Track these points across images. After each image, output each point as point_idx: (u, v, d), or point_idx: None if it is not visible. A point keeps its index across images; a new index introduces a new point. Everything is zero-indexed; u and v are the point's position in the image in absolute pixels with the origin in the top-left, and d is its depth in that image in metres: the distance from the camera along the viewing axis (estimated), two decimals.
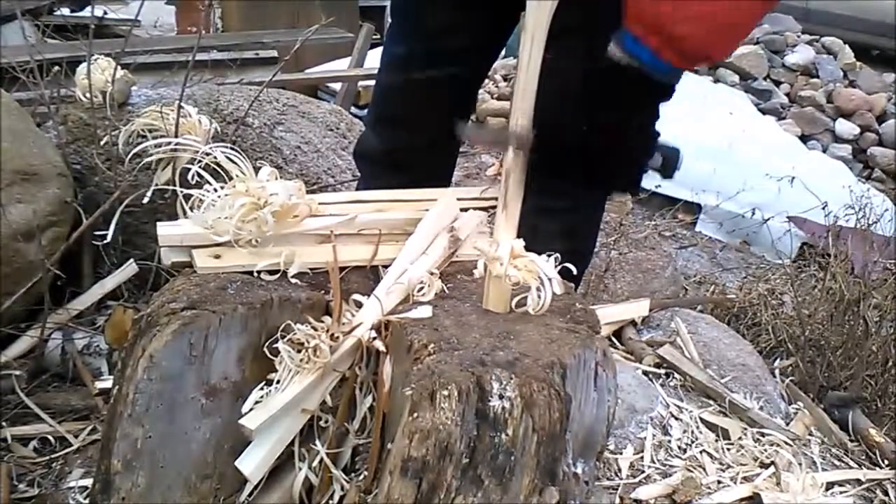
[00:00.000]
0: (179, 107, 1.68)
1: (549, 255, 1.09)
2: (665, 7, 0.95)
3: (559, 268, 1.10)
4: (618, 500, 1.44)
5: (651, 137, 1.06)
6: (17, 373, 1.56)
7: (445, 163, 1.78)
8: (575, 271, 1.15)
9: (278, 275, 1.15)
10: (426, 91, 1.60)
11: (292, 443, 1.08)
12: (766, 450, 1.62)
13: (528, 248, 1.11)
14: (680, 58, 0.98)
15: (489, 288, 1.12)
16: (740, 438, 1.66)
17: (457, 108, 1.74)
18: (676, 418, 1.68)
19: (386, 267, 1.19)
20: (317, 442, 1.08)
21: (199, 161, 1.22)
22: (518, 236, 1.10)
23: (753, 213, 3.72)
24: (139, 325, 1.04)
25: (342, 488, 1.07)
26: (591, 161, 1.06)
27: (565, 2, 1.01)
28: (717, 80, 4.90)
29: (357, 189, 1.83)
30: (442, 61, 1.56)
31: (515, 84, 1.06)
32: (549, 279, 1.06)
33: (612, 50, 1.00)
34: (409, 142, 1.65)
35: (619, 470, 1.51)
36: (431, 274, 1.17)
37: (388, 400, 1.04)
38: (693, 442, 1.63)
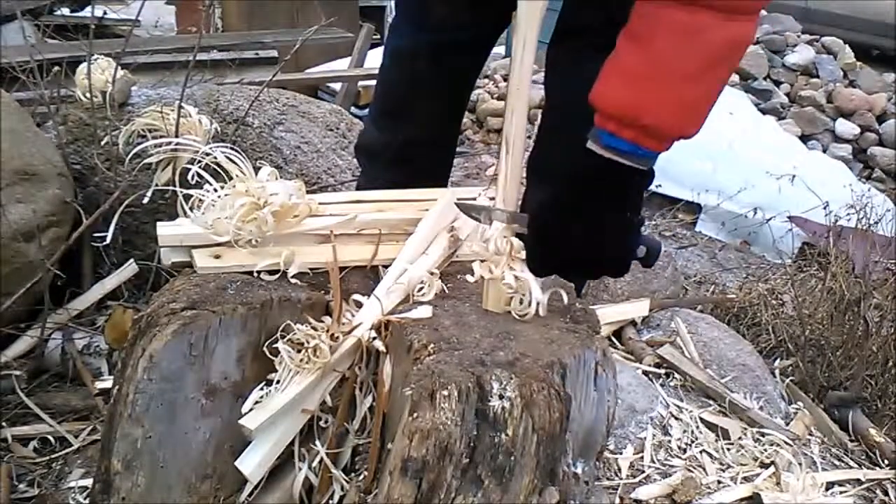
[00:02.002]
0: (179, 107, 1.68)
1: None
2: (629, 101, 0.96)
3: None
4: (618, 500, 1.44)
5: (637, 227, 1.08)
6: (17, 373, 1.56)
7: (445, 156, 1.79)
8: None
9: (278, 275, 1.15)
10: (428, 85, 1.61)
11: (292, 443, 1.08)
12: (766, 450, 1.62)
13: None
14: (658, 142, 1.00)
15: (488, 289, 1.12)
16: (740, 438, 1.66)
17: (457, 100, 1.75)
18: (676, 418, 1.68)
19: (386, 267, 1.19)
20: (317, 442, 1.08)
21: (199, 161, 1.22)
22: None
23: (754, 213, 3.71)
24: (139, 325, 1.04)
25: (342, 488, 1.07)
26: (577, 258, 1.08)
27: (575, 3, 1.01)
28: None
29: (358, 182, 1.84)
30: (444, 55, 1.57)
31: (507, 94, 1.06)
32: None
33: (592, 146, 1.01)
34: (410, 135, 1.66)
35: (619, 470, 1.51)
36: (431, 274, 1.17)
37: (388, 400, 1.04)
38: (693, 442, 1.63)
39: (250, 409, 1.03)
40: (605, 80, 0.99)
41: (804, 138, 4.67)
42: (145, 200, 1.51)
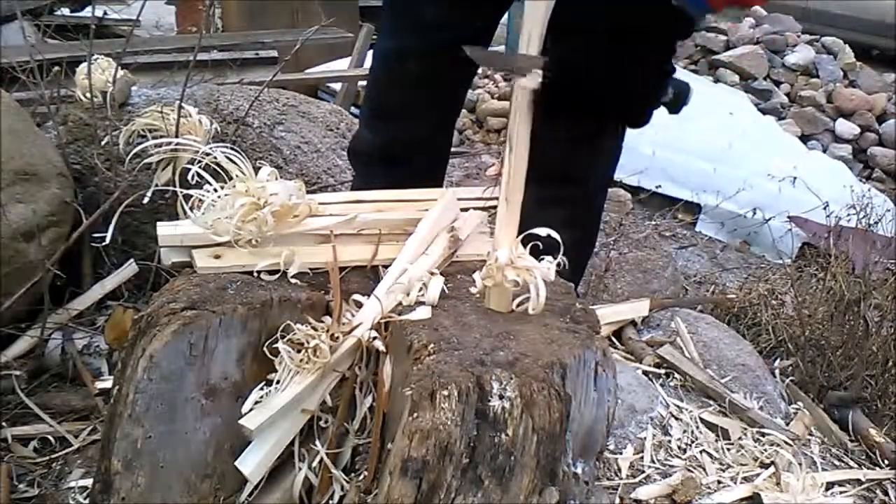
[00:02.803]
0: (180, 107, 1.68)
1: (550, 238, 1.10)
2: None
3: (560, 261, 1.11)
4: (618, 500, 1.44)
5: (668, 73, 1.05)
6: (17, 373, 1.56)
7: (438, 158, 1.78)
8: (575, 263, 1.15)
9: (278, 275, 1.15)
10: (419, 86, 1.60)
11: (292, 443, 1.08)
12: (766, 450, 1.62)
13: (530, 237, 1.11)
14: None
15: (490, 288, 1.12)
16: (740, 438, 1.66)
17: (450, 101, 1.74)
18: (676, 418, 1.68)
19: (386, 267, 1.19)
20: (317, 442, 1.08)
21: (199, 161, 1.22)
22: (521, 228, 1.10)
23: (754, 214, 3.71)
24: (139, 325, 1.04)
25: (342, 488, 1.07)
26: (609, 92, 1.05)
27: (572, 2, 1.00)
28: (717, 80, 4.90)
29: (351, 187, 1.84)
30: (434, 56, 1.56)
31: (512, 95, 1.05)
32: (544, 282, 1.07)
33: None
34: (403, 137, 1.65)
35: (619, 470, 1.51)
36: (432, 274, 1.17)
37: (388, 400, 1.04)
38: (693, 442, 1.63)
39: (250, 409, 1.03)
40: None
41: (804, 138, 4.67)
42: (145, 200, 1.51)
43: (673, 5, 0.98)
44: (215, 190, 1.17)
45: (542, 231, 1.11)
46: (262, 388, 1.05)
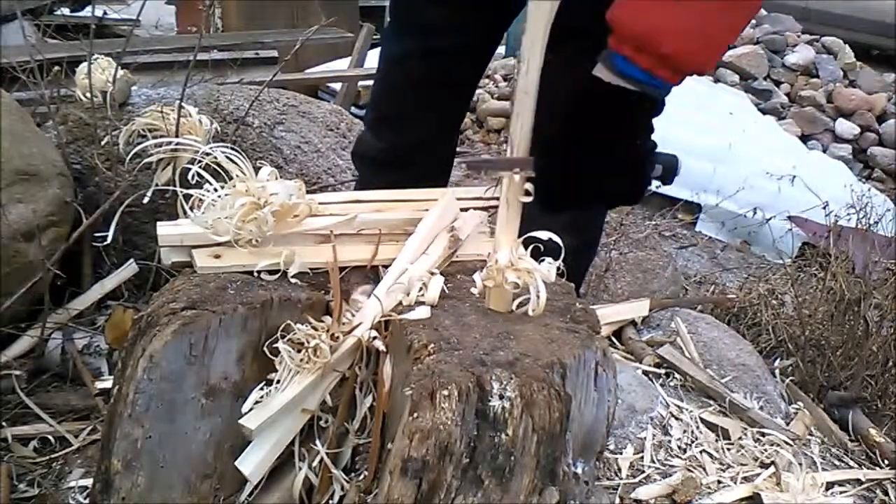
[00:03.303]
0: (180, 107, 1.68)
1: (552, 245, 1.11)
2: (651, 25, 0.94)
3: (560, 264, 1.11)
4: (618, 500, 1.44)
5: (649, 151, 1.06)
6: (17, 373, 1.56)
7: (444, 161, 1.78)
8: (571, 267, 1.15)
9: (278, 275, 1.15)
10: (424, 90, 1.60)
11: (292, 443, 1.08)
12: (766, 450, 1.62)
13: (531, 240, 1.11)
14: (673, 73, 0.97)
15: (490, 288, 1.12)
16: (740, 438, 1.65)
17: (454, 106, 1.74)
18: (676, 418, 1.68)
19: (386, 267, 1.19)
20: (317, 442, 1.08)
21: (199, 161, 1.22)
22: (522, 232, 1.10)
23: (754, 213, 3.71)
24: (139, 325, 1.04)
25: (342, 488, 1.07)
26: (593, 183, 1.06)
27: (573, 3, 1.00)
28: (717, 80, 4.90)
29: (355, 189, 1.83)
30: (440, 60, 1.56)
31: (513, 97, 1.06)
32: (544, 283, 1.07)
33: (601, 72, 0.99)
34: (408, 140, 1.65)
35: (619, 470, 1.51)
36: (432, 274, 1.17)
37: (388, 400, 1.04)
38: (693, 442, 1.63)
39: (250, 409, 1.03)
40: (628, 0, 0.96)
41: (804, 138, 4.68)
42: (145, 200, 1.51)
43: (633, 98, 0.99)
44: (215, 190, 1.17)
45: (544, 235, 1.11)
46: (262, 388, 1.05)
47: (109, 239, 1.48)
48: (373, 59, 4.26)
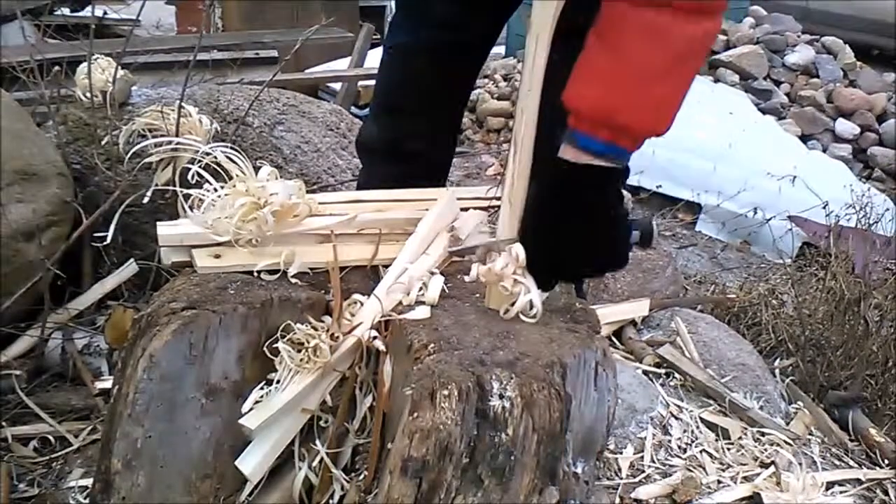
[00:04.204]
0: (180, 107, 1.68)
1: None
2: (602, 103, 0.99)
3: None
4: (618, 500, 1.44)
5: (624, 219, 1.10)
6: (17, 373, 1.56)
7: (444, 154, 1.79)
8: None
9: (278, 275, 1.15)
10: (428, 82, 1.62)
11: (292, 443, 1.08)
12: (766, 449, 1.62)
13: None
14: (632, 141, 1.02)
15: (490, 287, 1.12)
16: (740, 438, 1.65)
17: (455, 100, 1.75)
18: (676, 418, 1.68)
19: (386, 267, 1.19)
20: (317, 442, 1.08)
21: (199, 161, 1.22)
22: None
23: (754, 213, 3.71)
24: (139, 325, 1.04)
25: (342, 488, 1.07)
26: (575, 261, 1.10)
27: (576, 2, 1.02)
28: (717, 80, 4.89)
29: (359, 178, 1.85)
30: (444, 53, 1.57)
31: (518, 95, 1.07)
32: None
33: (566, 153, 1.02)
34: (410, 132, 1.66)
35: (619, 469, 1.51)
36: (432, 273, 1.17)
37: (388, 400, 1.04)
38: (693, 442, 1.63)
39: (250, 409, 1.03)
40: (578, 80, 1.01)
41: (804, 138, 4.67)
42: (145, 200, 1.51)
43: (601, 169, 1.02)
44: (215, 189, 1.17)
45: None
46: (262, 388, 1.05)
47: (109, 239, 1.48)
48: (373, 59, 4.27)
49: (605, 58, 0.99)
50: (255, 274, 1.14)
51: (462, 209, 1.34)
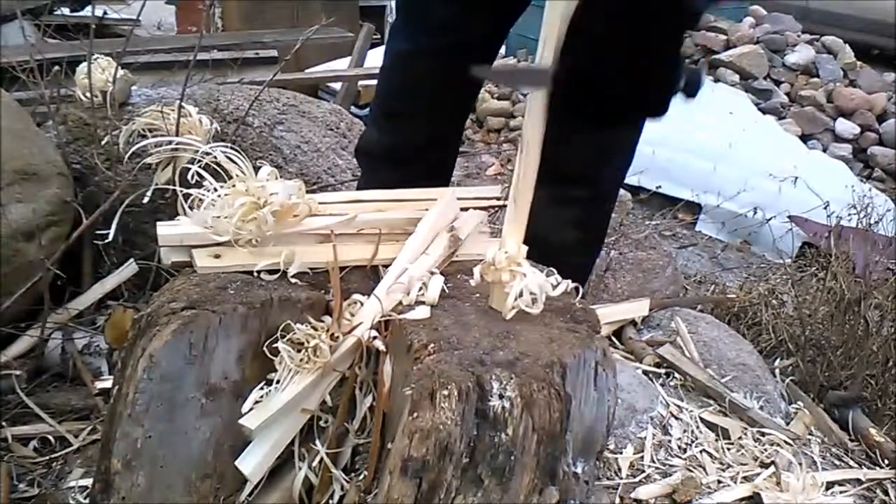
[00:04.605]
0: (180, 106, 1.68)
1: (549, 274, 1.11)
2: None
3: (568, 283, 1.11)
4: (618, 500, 1.43)
5: (680, 62, 1.05)
6: (17, 373, 1.56)
7: (446, 159, 1.79)
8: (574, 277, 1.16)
9: (278, 275, 1.15)
10: (427, 87, 1.61)
11: (292, 443, 1.08)
12: (766, 449, 1.62)
13: (540, 239, 1.11)
14: None
15: (493, 287, 1.12)
16: (740, 438, 1.65)
17: (459, 104, 1.74)
18: (676, 418, 1.68)
19: (386, 267, 1.19)
20: (317, 442, 1.08)
21: (199, 161, 1.22)
22: (530, 226, 1.10)
23: (754, 213, 3.71)
24: (139, 325, 1.04)
25: (342, 488, 1.07)
26: (627, 89, 1.04)
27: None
28: (717, 80, 4.90)
29: (358, 185, 1.84)
30: (447, 58, 1.56)
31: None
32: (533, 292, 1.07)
33: None
34: (411, 138, 1.65)
35: (619, 469, 1.51)
36: (431, 273, 1.17)
37: (388, 400, 1.04)
38: (693, 441, 1.63)
39: (250, 409, 1.03)
40: None
41: (804, 138, 4.67)
42: (145, 200, 1.51)
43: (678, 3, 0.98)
44: (215, 189, 1.17)
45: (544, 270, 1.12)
46: (262, 388, 1.05)
47: (111, 237, 1.48)
48: (373, 59, 4.28)
49: None
50: (255, 274, 1.14)
51: (462, 209, 1.34)
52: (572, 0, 0.99)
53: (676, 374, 1.82)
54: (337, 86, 4.45)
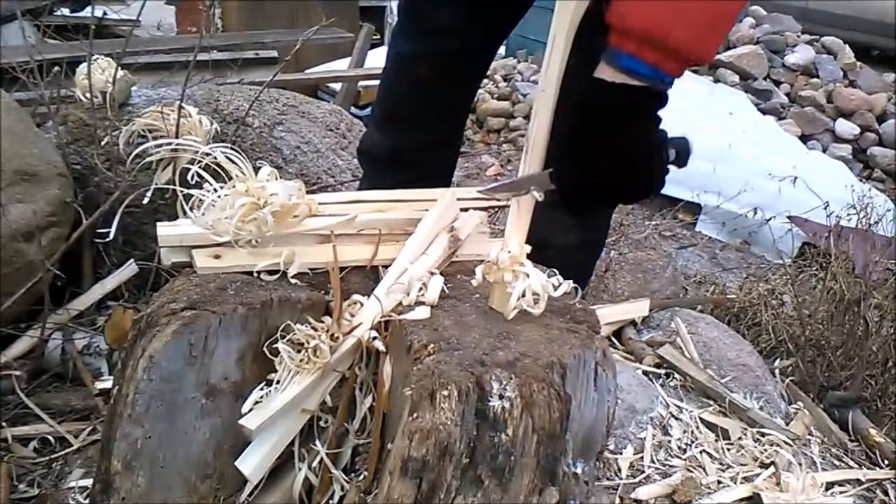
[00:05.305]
0: (180, 107, 1.68)
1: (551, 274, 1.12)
2: (657, 19, 0.94)
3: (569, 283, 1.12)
4: (618, 500, 1.44)
5: (662, 142, 1.06)
6: (17, 373, 1.56)
7: (447, 161, 1.79)
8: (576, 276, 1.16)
9: (278, 275, 1.15)
10: (431, 90, 1.61)
11: (292, 443, 1.08)
12: (766, 450, 1.62)
13: (541, 239, 1.11)
14: (678, 64, 0.98)
15: (494, 287, 1.12)
16: (740, 438, 1.65)
17: (460, 106, 1.75)
18: (676, 418, 1.68)
19: (386, 267, 1.19)
20: (317, 442, 1.08)
21: (199, 161, 1.22)
22: (534, 226, 1.10)
23: (754, 213, 3.71)
24: (139, 325, 1.04)
25: (342, 488, 1.07)
26: (613, 185, 1.07)
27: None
28: (717, 80, 4.89)
29: (359, 187, 1.84)
30: (448, 61, 1.57)
31: (535, 95, 1.06)
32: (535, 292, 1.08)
33: (603, 72, 0.99)
34: (412, 139, 1.65)
35: (619, 470, 1.51)
36: (431, 274, 1.17)
37: (388, 400, 1.04)
38: (693, 442, 1.63)
39: (250, 410, 1.03)
40: None
41: (804, 138, 4.67)
42: (145, 200, 1.51)
43: (640, 91, 0.99)
44: (215, 190, 1.17)
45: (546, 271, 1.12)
46: (262, 388, 1.05)
47: (111, 237, 1.48)
48: (373, 59, 4.28)
49: None
50: (255, 274, 1.14)
51: (462, 209, 1.34)
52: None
53: (676, 375, 1.82)
54: (337, 86, 4.45)
